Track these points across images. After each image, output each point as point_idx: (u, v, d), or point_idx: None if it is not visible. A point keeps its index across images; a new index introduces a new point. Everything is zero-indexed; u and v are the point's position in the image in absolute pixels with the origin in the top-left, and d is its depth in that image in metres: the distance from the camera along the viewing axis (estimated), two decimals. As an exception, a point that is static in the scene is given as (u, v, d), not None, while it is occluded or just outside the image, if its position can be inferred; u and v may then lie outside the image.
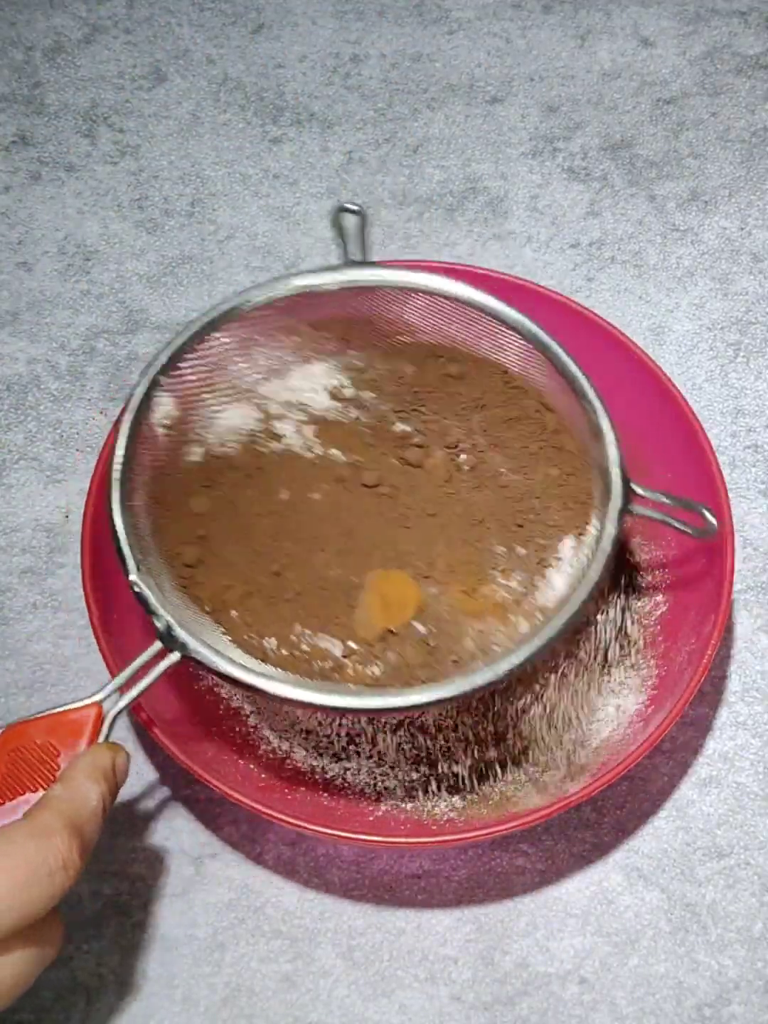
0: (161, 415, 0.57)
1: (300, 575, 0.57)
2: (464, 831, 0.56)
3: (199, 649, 0.52)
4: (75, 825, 0.46)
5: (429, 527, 0.58)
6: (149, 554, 0.55)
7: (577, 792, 0.55)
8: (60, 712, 0.50)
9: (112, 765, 0.49)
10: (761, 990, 0.59)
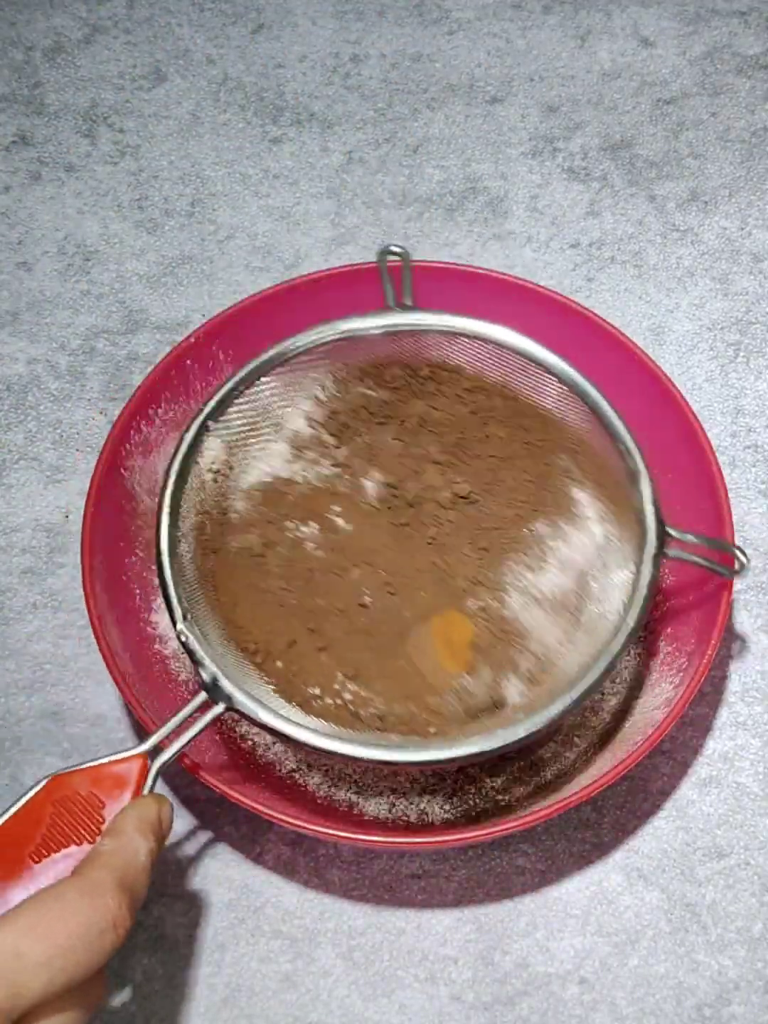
0: (209, 459, 0.57)
1: (342, 624, 0.57)
2: (464, 831, 0.56)
3: (245, 701, 0.52)
4: (125, 882, 0.46)
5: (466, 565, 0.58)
6: (196, 603, 0.55)
7: (577, 792, 0.55)
8: (105, 763, 0.50)
9: (159, 818, 0.49)
10: (761, 990, 0.59)
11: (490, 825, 0.55)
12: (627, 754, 0.56)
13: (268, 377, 0.59)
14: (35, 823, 0.48)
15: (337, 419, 0.61)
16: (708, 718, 0.64)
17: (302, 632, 0.57)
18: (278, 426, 0.60)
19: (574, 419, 0.59)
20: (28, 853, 0.47)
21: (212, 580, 0.57)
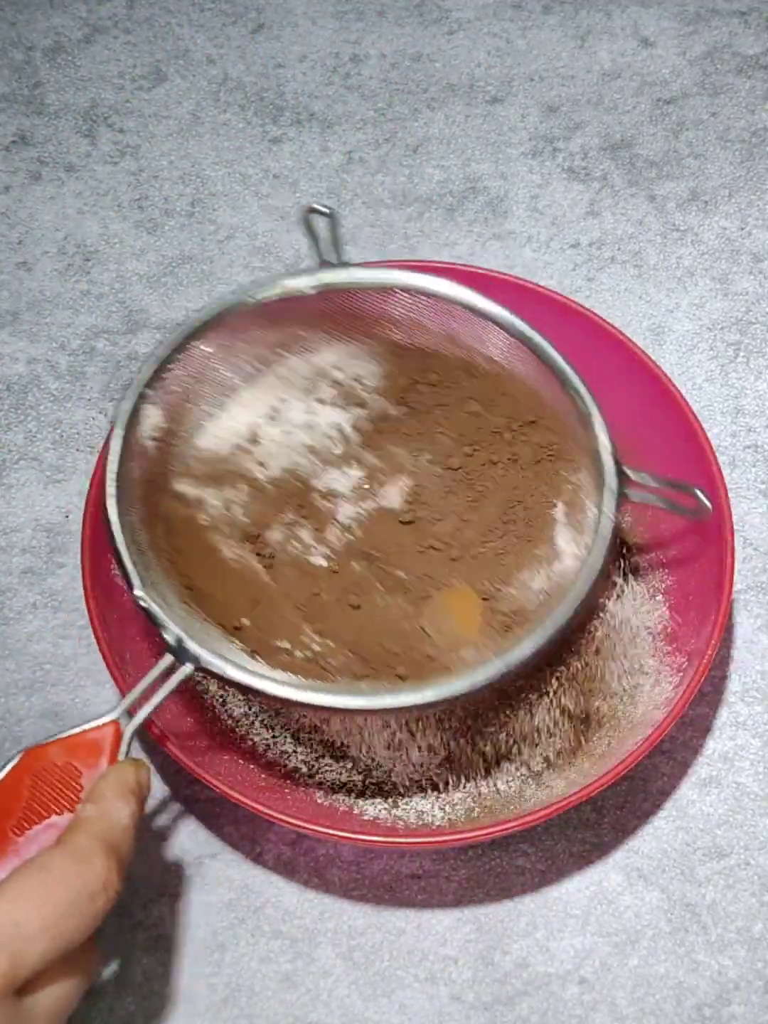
0: (149, 427, 0.57)
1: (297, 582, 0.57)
2: (464, 831, 0.56)
3: (211, 660, 0.52)
4: (110, 845, 0.46)
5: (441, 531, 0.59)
6: (151, 568, 0.54)
7: (577, 792, 0.55)
8: (78, 733, 0.50)
9: (137, 781, 0.49)
10: (761, 990, 0.59)
11: (490, 825, 0.55)
12: (627, 754, 0.56)
13: (202, 340, 0.58)
14: (14, 797, 0.48)
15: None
16: (708, 718, 0.64)
17: (262, 591, 0.57)
18: (218, 391, 0.59)
19: (521, 369, 0.58)
20: (10, 827, 0.48)
21: (166, 547, 0.56)
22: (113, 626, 0.59)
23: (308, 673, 0.55)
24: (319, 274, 0.59)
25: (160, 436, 0.57)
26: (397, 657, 0.56)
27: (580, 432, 0.57)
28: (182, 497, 0.58)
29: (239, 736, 0.62)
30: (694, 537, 0.62)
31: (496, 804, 0.60)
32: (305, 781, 0.61)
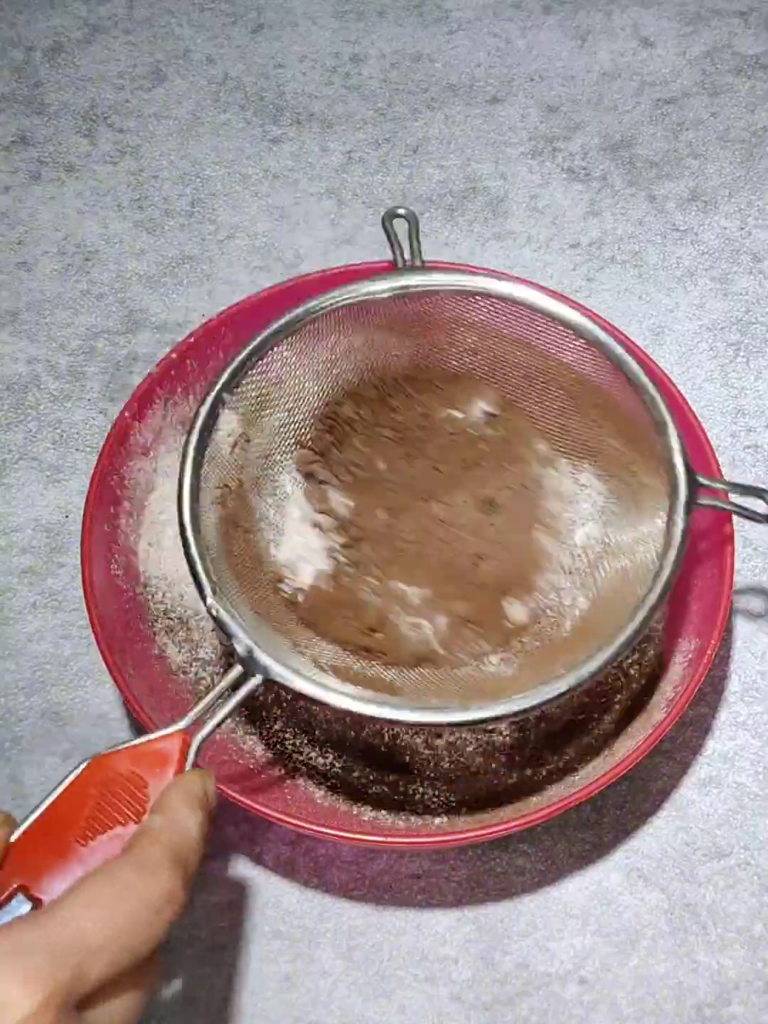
0: (225, 433, 0.57)
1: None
2: (464, 831, 0.56)
3: (281, 671, 0.51)
4: (178, 857, 0.45)
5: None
6: (223, 576, 0.54)
7: (577, 792, 0.55)
8: (145, 742, 0.49)
9: (205, 791, 0.49)
10: (761, 990, 0.59)
11: (491, 825, 0.55)
12: (627, 754, 0.56)
13: (280, 347, 0.57)
14: (78, 806, 0.47)
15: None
16: (708, 718, 0.64)
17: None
18: (294, 398, 0.59)
19: (594, 374, 0.58)
20: (74, 837, 0.47)
21: (237, 553, 0.56)
22: (113, 626, 0.59)
23: (374, 687, 0.55)
24: (398, 277, 0.58)
25: (235, 441, 0.57)
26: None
27: (653, 438, 0.56)
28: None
29: (239, 736, 0.62)
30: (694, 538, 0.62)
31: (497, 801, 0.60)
32: (305, 782, 0.61)
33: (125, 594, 0.62)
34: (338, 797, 0.60)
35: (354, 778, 0.61)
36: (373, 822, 0.59)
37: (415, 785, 0.61)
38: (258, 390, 0.58)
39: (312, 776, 0.61)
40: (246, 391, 0.57)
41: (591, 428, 0.60)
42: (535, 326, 0.58)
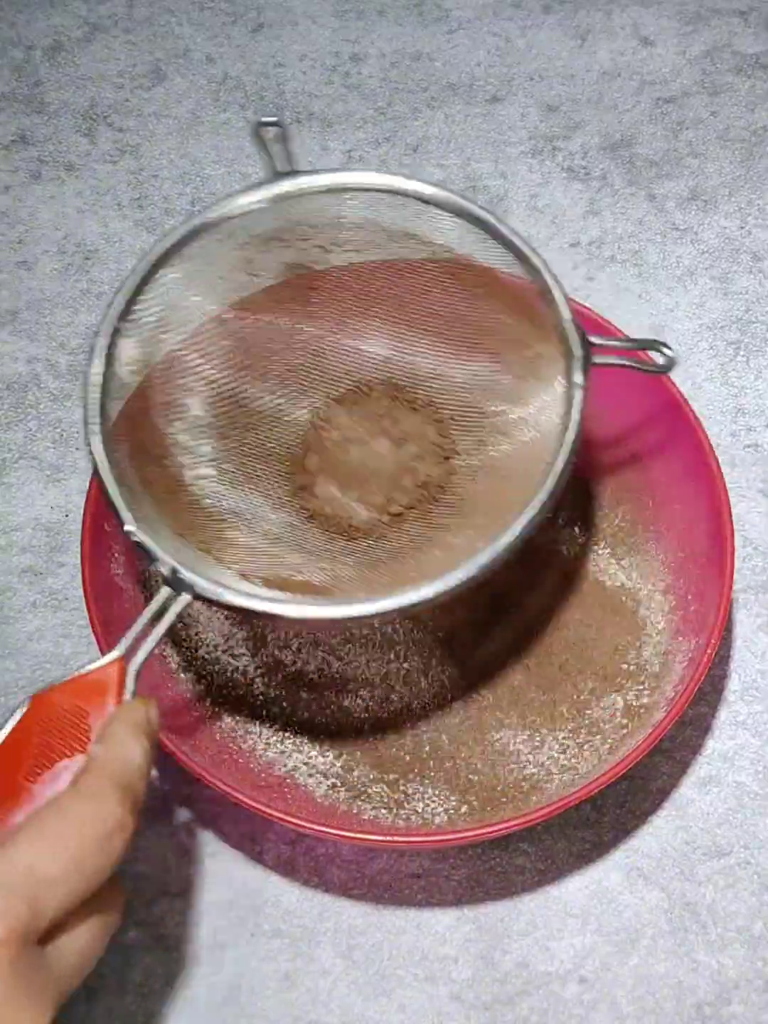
0: (126, 360, 0.56)
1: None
2: (464, 831, 0.56)
3: (207, 586, 0.51)
4: (124, 784, 0.45)
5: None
6: (142, 503, 0.54)
7: (577, 791, 0.55)
8: (82, 674, 0.49)
9: (147, 718, 0.49)
10: (761, 989, 0.59)
11: (491, 824, 0.55)
12: (627, 753, 0.56)
13: (169, 269, 0.57)
14: (24, 745, 0.48)
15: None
16: (708, 717, 0.64)
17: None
18: (188, 319, 0.59)
19: (476, 253, 0.58)
20: (23, 775, 0.47)
21: (154, 482, 0.56)
22: (113, 625, 0.59)
23: (303, 591, 0.55)
24: (273, 186, 0.58)
25: (135, 369, 0.57)
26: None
27: (542, 308, 0.56)
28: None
29: (239, 735, 0.62)
30: (695, 537, 0.62)
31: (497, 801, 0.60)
32: (305, 781, 0.61)
33: (125, 593, 0.62)
34: (338, 796, 0.60)
35: (354, 777, 0.61)
36: (373, 821, 0.60)
37: (415, 784, 0.61)
38: (151, 315, 0.57)
39: (312, 775, 0.61)
40: (141, 318, 0.57)
41: (480, 308, 0.59)
42: (412, 213, 0.58)
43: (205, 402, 0.60)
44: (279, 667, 0.64)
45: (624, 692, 0.62)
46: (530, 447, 0.57)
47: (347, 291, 0.61)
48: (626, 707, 0.62)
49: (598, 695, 0.62)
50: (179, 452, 0.59)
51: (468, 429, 0.60)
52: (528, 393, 0.58)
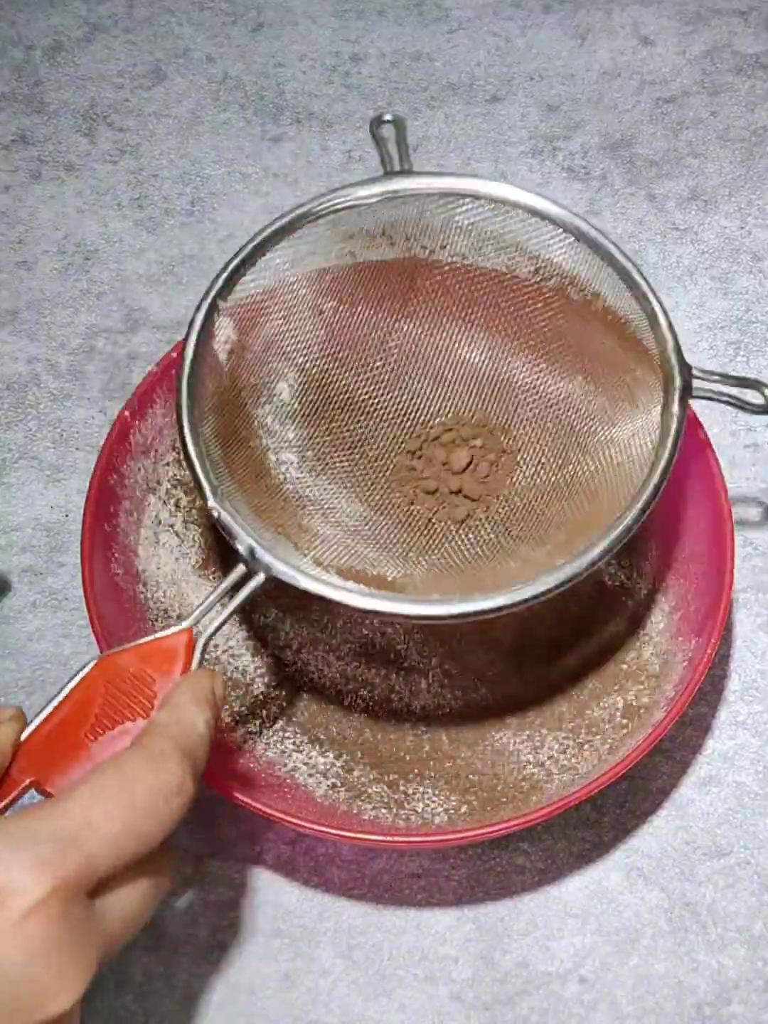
0: (222, 339, 0.57)
1: None
2: (464, 831, 0.56)
3: (283, 569, 0.52)
4: (185, 749, 0.46)
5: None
6: (223, 480, 0.54)
7: (577, 791, 0.55)
8: (152, 640, 0.50)
9: (212, 688, 0.49)
10: (761, 989, 0.59)
11: (490, 824, 0.55)
12: (627, 753, 0.56)
13: (273, 253, 0.58)
14: (88, 703, 0.48)
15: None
16: (708, 717, 0.64)
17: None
18: (288, 305, 0.59)
19: (584, 271, 0.59)
20: (84, 733, 0.48)
21: (238, 462, 0.57)
22: (113, 625, 0.59)
23: (377, 585, 0.55)
24: (387, 182, 0.59)
25: (232, 349, 0.57)
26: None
27: (645, 332, 0.57)
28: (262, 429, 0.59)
29: (239, 735, 0.62)
30: (695, 537, 0.62)
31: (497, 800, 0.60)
32: (305, 780, 0.61)
33: (125, 593, 0.62)
34: (338, 796, 0.60)
35: (354, 777, 0.61)
36: (373, 821, 0.60)
37: (415, 784, 0.61)
38: (251, 297, 0.58)
39: (312, 775, 0.61)
40: (240, 297, 0.57)
41: (582, 328, 0.60)
42: (525, 227, 0.59)
43: (295, 388, 0.61)
44: (279, 667, 0.64)
45: (624, 692, 0.62)
46: (618, 470, 0.57)
47: (448, 294, 0.61)
48: (626, 707, 0.62)
49: (598, 695, 0.62)
50: (265, 435, 0.59)
51: (556, 446, 0.61)
52: (622, 416, 0.58)
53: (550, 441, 0.61)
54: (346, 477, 0.61)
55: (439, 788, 0.61)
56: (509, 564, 0.58)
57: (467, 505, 0.61)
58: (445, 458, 0.62)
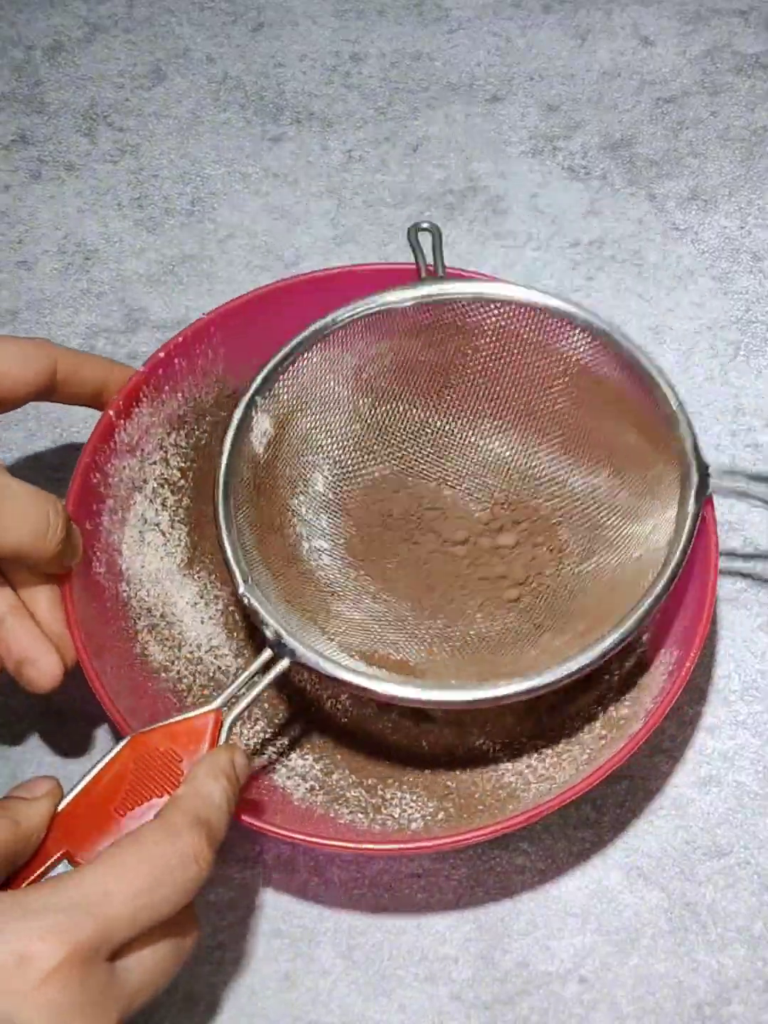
0: (259, 432, 0.60)
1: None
2: (464, 832, 0.55)
3: (307, 654, 0.54)
4: (201, 820, 0.48)
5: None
6: (255, 567, 0.57)
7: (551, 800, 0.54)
8: (181, 720, 0.53)
9: (231, 762, 0.52)
10: (761, 989, 0.59)
11: (464, 831, 0.55)
12: (602, 763, 0.55)
13: (309, 353, 0.61)
14: (118, 780, 0.51)
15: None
16: (708, 717, 0.64)
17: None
18: (323, 400, 0.63)
19: (608, 372, 0.61)
20: (114, 808, 0.50)
21: (271, 549, 0.60)
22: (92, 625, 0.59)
23: (398, 671, 0.58)
24: (420, 287, 0.61)
25: (268, 443, 0.60)
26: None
27: (664, 430, 0.59)
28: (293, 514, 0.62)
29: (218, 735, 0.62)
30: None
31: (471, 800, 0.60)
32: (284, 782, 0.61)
33: (107, 591, 0.62)
34: (316, 799, 0.60)
35: (333, 780, 0.61)
36: (349, 826, 0.59)
37: (393, 789, 0.61)
38: (289, 394, 0.61)
39: (291, 777, 0.61)
40: (278, 394, 0.60)
41: (607, 425, 0.62)
42: (551, 329, 0.61)
43: (329, 480, 0.64)
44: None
45: (604, 702, 0.62)
46: (638, 562, 0.59)
47: (479, 393, 0.64)
48: (605, 718, 0.61)
49: (579, 705, 0.62)
50: (299, 523, 0.63)
51: (580, 538, 0.63)
52: (644, 511, 0.60)
53: (577, 533, 0.63)
54: (374, 566, 0.64)
55: (417, 793, 0.61)
56: (530, 653, 0.60)
57: (517, 588, 0.63)
58: (492, 543, 0.64)
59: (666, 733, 0.63)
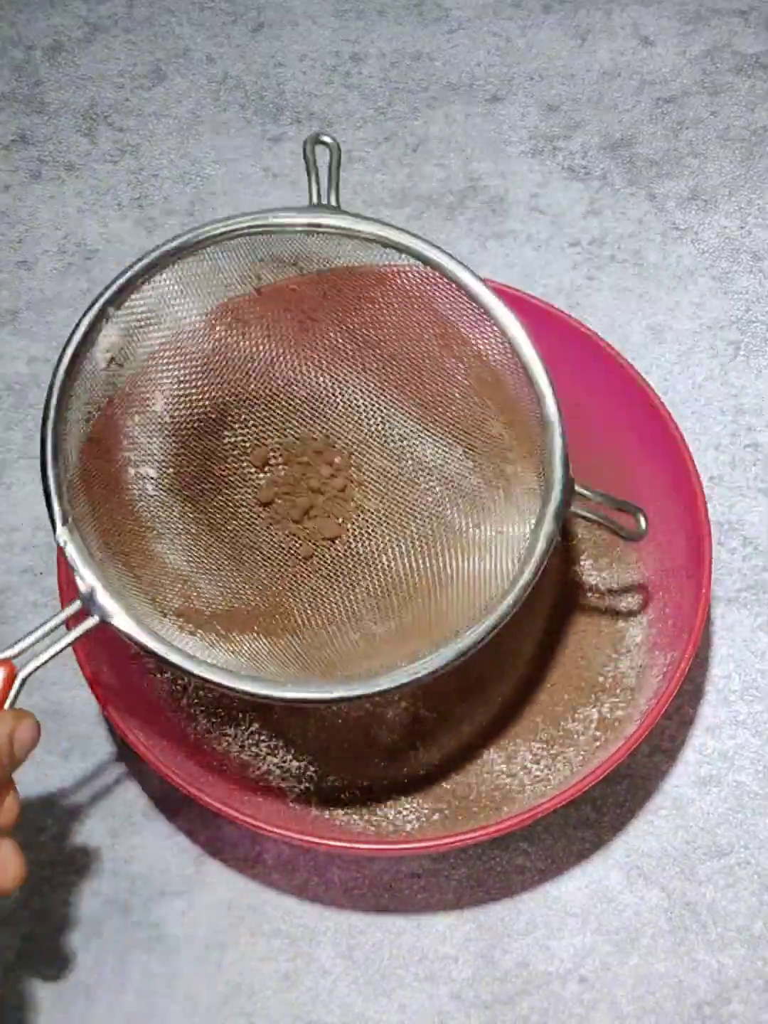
0: (104, 347, 0.55)
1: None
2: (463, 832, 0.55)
3: (123, 622, 0.50)
4: None
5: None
6: (76, 496, 0.52)
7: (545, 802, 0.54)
8: None
9: (9, 736, 0.48)
10: (761, 989, 0.59)
11: (457, 834, 0.55)
12: (597, 765, 0.55)
13: (174, 267, 0.56)
14: None
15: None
16: (709, 717, 0.64)
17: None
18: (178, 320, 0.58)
19: (496, 356, 0.56)
20: None
21: (97, 482, 0.54)
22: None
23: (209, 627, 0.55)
24: (311, 215, 0.57)
25: (113, 357, 0.55)
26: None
27: (536, 433, 0.54)
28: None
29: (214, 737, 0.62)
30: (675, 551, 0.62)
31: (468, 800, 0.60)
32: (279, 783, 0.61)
33: None
34: (310, 801, 0.60)
35: (328, 782, 0.61)
36: (343, 827, 0.59)
37: (388, 790, 0.61)
38: (144, 309, 0.56)
39: (286, 779, 0.61)
40: (132, 308, 0.56)
41: (475, 403, 0.58)
42: (443, 292, 0.57)
43: (169, 400, 0.58)
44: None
45: (599, 705, 0.62)
46: (480, 564, 0.56)
47: (342, 333, 0.60)
48: (600, 719, 0.61)
49: (574, 707, 0.62)
50: (129, 446, 0.57)
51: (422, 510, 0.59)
52: (493, 504, 0.57)
53: (415, 500, 0.59)
54: (204, 502, 0.59)
55: (412, 795, 0.61)
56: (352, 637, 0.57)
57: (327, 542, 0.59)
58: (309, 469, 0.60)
59: (666, 733, 0.63)
